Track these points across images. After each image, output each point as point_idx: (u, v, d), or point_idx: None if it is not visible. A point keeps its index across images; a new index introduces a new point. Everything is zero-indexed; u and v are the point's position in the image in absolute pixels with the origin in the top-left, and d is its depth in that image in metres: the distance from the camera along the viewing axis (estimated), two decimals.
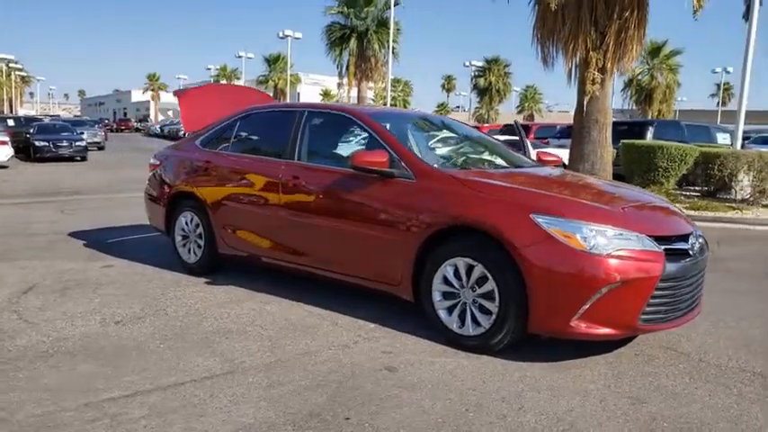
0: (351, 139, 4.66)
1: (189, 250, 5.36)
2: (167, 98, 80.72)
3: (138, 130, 61.40)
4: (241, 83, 56.29)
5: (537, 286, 3.22)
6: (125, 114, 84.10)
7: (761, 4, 12.04)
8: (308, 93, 60.69)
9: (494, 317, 3.41)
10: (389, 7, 25.93)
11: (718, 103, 59.45)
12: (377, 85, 28.11)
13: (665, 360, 3.49)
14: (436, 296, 3.68)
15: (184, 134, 6.39)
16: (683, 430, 2.65)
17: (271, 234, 4.64)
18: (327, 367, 3.30)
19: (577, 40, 9.80)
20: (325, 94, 65.05)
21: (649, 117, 33.60)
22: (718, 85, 59.56)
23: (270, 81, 47.38)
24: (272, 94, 49.95)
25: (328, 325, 4.02)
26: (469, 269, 3.51)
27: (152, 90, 77.56)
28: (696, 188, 11.93)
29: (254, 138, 5.21)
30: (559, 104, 77.21)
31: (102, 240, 6.90)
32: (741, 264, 6.42)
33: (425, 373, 3.23)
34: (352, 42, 27.14)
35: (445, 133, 4.90)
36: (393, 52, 25.79)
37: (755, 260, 6.71)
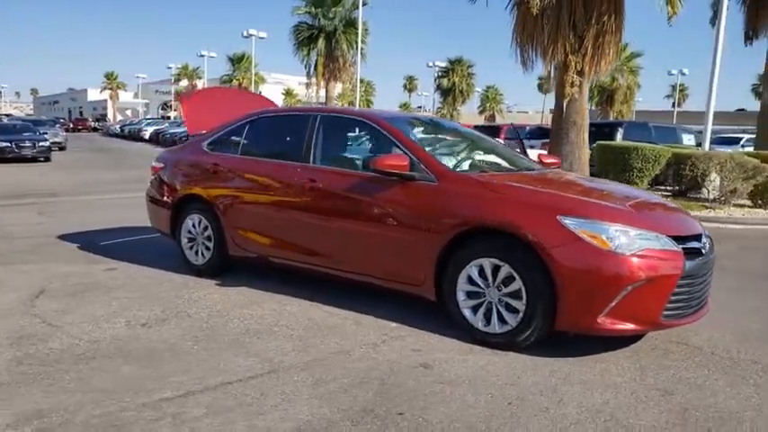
0: (366, 143, 4.77)
1: (196, 252, 5.38)
2: (126, 97, 78.98)
3: (95, 129, 59.83)
4: (203, 82, 55.49)
5: (566, 285, 3.40)
6: (81, 114, 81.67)
7: (728, 8, 12.62)
8: (270, 92, 60.12)
9: (521, 315, 3.58)
10: (357, 7, 26.02)
11: (674, 104, 61.51)
12: (344, 85, 28.13)
13: (680, 354, 3.72)
14: (460, 296, 3.83)
15: (187, 137, 6.37)
16: (714, 419, 2.87)
17: (286, 236, 4.71)
18: (365, 365, 3.42)
19: (557, 44, 10.12)
20: (288, 93, 64.68)
21: (611, 118, 34.62)
22: (673, 87, 61.63)
23: (234, 80, 46.84)
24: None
25: (351, 324, 4.13)
26: (495, 269, 3.67)
27: (110, 89, 75.62)
28: (667, 188, 12.43)
29: (265, 141, 5.27)
30: (518, 105, 78.63)
31: (93, 243, 6.83)
32: (726, 262, 6.77)
33: (460, 370, 3.38)
34: (321, 42, 27.14)
35: (453, 136, 5.06)
36: (361, 53, 25.89)
37: (738, 258, 7.08)
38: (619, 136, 14.91)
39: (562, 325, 3.51)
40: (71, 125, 59.85)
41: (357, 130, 4.85)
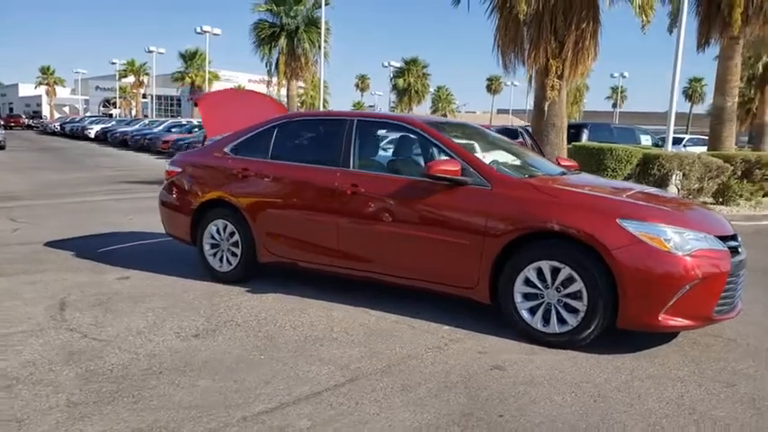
0: (409, 147, 4.80)
1: (221, 259, 5.27)
2: (62, 94, 75.53)
3: (29, 127, 56.92)
4: (152, 79, 53.79)
5: (628, 285, 3.55)
6: (11, 110, 77.56)
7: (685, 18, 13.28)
8: (216, 89, 58.87)
9: (581, 315, 3.71)
10: (319, 6, 25.89)
11: (614, 105, 64.05)
12: (306, 84, 27.91)
13: (721, 347, 3.95)
14: (518, 297, 3.93)
15: (203, 142, 6.20)
16: None
17: (326, 241, 4.68)
18: (440, 369, 3.46)
19: (539, 48, 10.41)
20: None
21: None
22: (613, 89, 64.18)
23: (186, 78, 45.62)
24: (188, 92, 48.13)
25: (405, 328, 4.16)
26: (555, 271, 3.79)
27: (46, 84, 72.13)
28: None
29: (296, 145, 5.22)
30: (467, 105, 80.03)
31: (90, 250, 6.57)
32: None
33: (532, 370, 3.47)
34: (283, 41, 26.81)
35: (482, 139, 5.14)
36: (324, 52, 25.78)
37: None
38: (584, 137, 15.44)
39: (623, 323, 3.66)
40: (2, 122, 56.74)
41: (398, 134, 4.87)
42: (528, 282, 3.89)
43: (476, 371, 3.44)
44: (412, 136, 4.73)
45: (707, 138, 25.41)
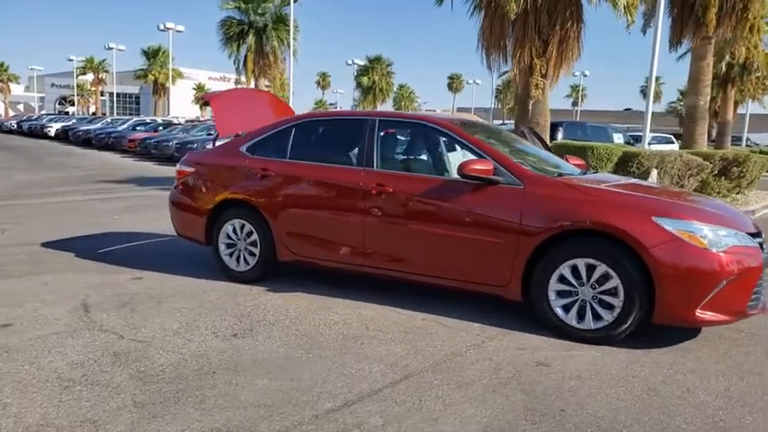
0: (434, 147, 4.85)
1: (238, 259, 5.24)
2: (17, 91, 72.83)
3: None
4: (113, 77, 52.39)
5: (666, 282, 3.69)
6: None
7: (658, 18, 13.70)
8: (183, 87, 57.80)
9: (617, 311, 3.83)
10: (287, 3, 25.66)
11: (573, 103, 65.46)
12: (275, 81, 27.62)
13: (746, 340, 4.13)
14: (552, 295, 4.03)
15: (214, 141, 6.12)
16: None
17: (349, 240, 4.70)
18: (488, 365, 3.54)
19: (524, 48, 10.61)
20: (199, 88, 62.44)
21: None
22: (572, 87, 65.62)
23: (149, 75, 44.54)
24: (151, 89, 47.04)
25: (438, 326, 4.21)
26: (590, 268, 3.90)
27: (0, 81, 69.43)
28: None
29: (316, 145, 5.21)
30: (427, 103, 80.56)
31: (91, 251, 6.44)
32: None
33: (576, 366, 3.57)
34: (251, 38, 26.46)
35: (500, 139, 5.22)
36: (292, 50, 25.55)
37: None
38: (560, 135, 15.75)
39: (660, 318, 3.80)
40: None
41: (421, 134, 4.92)
42: (562, 279, 3.99)
43: (522, 367, 3.53)
44: (438, 136, 4.79)
45: (670, 135, 26.36)
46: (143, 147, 22.67)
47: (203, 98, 6.20)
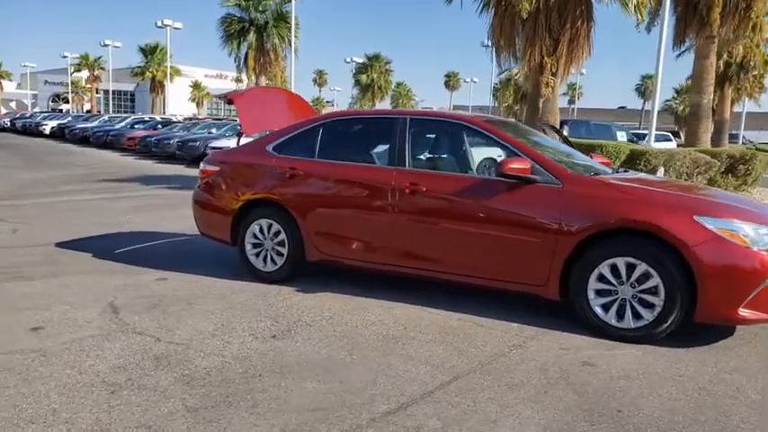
0: (466, 146, 4.82)
1: (265, 259, 5.19)
2: (9, 88, 72.29)
3: None
4: (108, 74, 52.08)
5: (709, 281, 3.67)
6: None
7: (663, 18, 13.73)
8: (181, 85, 57.52)
9: (658, 309, 3.82)
10: (289, 1, 25.58)
11: (571, 101, 65.56)
12: (275, 79, 27.53)
13: None
14: (591, 294, 4.01)
15: (237, 140, 6.07)
16: None
17: (382, 240, 4.67)
18: (533, 366, 3.51)
19: (534, 47, 10.60)
20: (195, 86, 62.21)
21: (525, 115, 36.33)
22: (569, 85, 65.74)
23: (147, 73, 44.28)
24: (149, 87, 46.80)
25: (474, 327, 4.18)
26: (630, 267, 3.88)
27: None
28: None
29: (345, 144, 5.17)
30: (424, 101, 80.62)
31: (108, 251, 6.37)
32: None
33: (621, 365, 3.55)
34: (252, 36, 26.34)
35: (529, 137, 5.19)
36: (293, 47, 25.48)
37: None
38: (565, 133, 15.78)
39: (702, 317, 3.78)
40: None
41: (453, 133, 4.88)
42: (601, 278, 3.97)
43: (568, 367, 3.50)
44: (472, 135, 4.76)
45: (668, 133, 26.44)
46: (143, 145, 22.52)
47: (226, 97, 6.14)
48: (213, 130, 21.69)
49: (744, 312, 3.70)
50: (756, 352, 3.86)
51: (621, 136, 17.72)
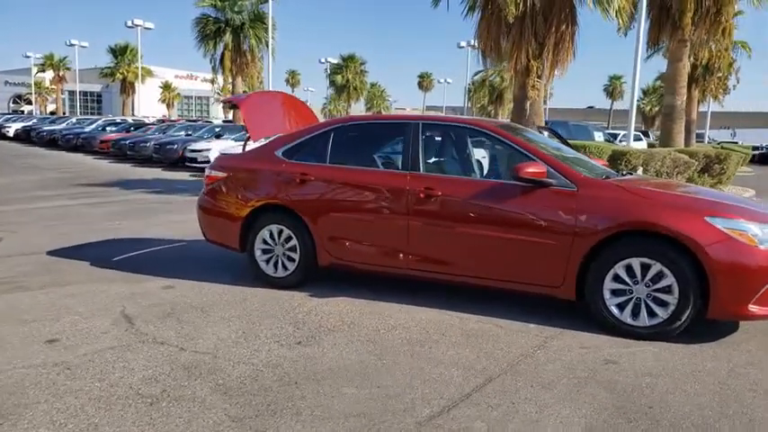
0: (479, 150, 4.89)
1: (275, 264, 5.18)
2: None
3: None
4: (75, 74, 50.91)
5: (720, 279, 3.81)
6: None
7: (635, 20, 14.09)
8: (152, 86, 56.52)
9: (672, 308, 3.95)
10: (265, 1, 25.39)
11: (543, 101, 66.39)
12: (252, 80, 27.31)
13: None
14: (606, 294, 4.12)
15: (244, 144, 6.03)
16: None
17: (399, 244, 4.71)
18: (560, 366, 3.60)
19: (520, 50, 10.76)
20: (166, 87, 61.25)
21: (500, 116, 36.81)
22: None
23: (117, 73, 43.38)
24: (119, 88, 45.87)
25: (494, 329, 4.25)
26: (644, 267, 4.00)
27: None
28: None
29: (357, 150, 5.19)
30: (397, 101, 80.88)
31: (103, 258, 6.28)
32: None
33: (643, 363, 3.67)
34: (228, 36, 26.09)
35: (542, 143, 5.26)
36: (270, 49, 25.30)
37: None
38: (545, 134, 16.04)
39: (714, 314, 3.93)
40: None
41: (465, 137, 4.95)
42: (617, 278, 4.09)
43: (593, 366, 3.60)
44: (485, 139, 4.83)
45: (639, 133, 27.07)
46: (117, 148, 22.10)
47: (229, 101, 6.09)
48: (191, 132, 21.42)
49: (753, 308, 3.85)
50: (764, 347, 4.01)
51: (599, 136, 18.09)
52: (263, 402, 3.04)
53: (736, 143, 40.27)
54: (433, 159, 4.85)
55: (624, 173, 5.35)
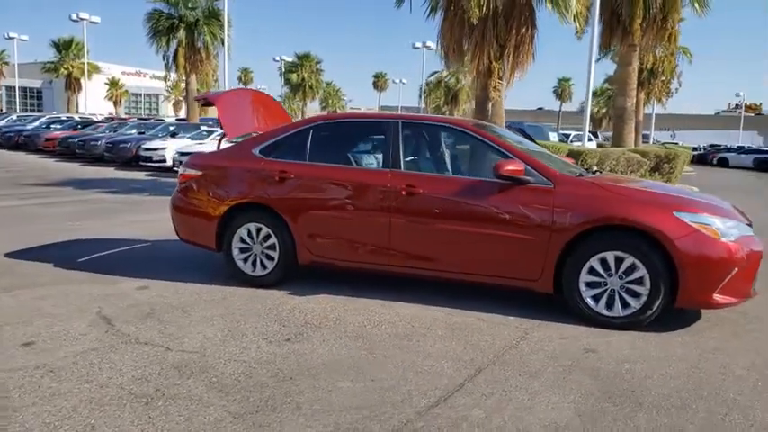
0: (458, 149, 5.00)
1: (254, 263, 5.16)
2: None
3: None
4: (14, 69, 48.76)
5: (688, 270, 4.04)
6: None
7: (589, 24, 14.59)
8: (98, 83, 54.62)
9: (644, 298, 4.16)
10: None
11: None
12: (207, 78, 26.83)
13: (746, 321, 4.55)
14: (582, 286, 4.30)
15: (219, 143, 5.95)
16: None
17: (378, 241, 4.77)
18: (543, 356, 3.74)
19: (482, 52, 10.98)
20: (113, 83, 59.38)
21: (456, 115, 37.31)
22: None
23: (62, 69, 41.72)
24: (63, 84, 44.15)
25: (476, 322, 4.36)
26: (618, 260, 4.20)
27: None
28: None
29: (336, 148, 5.21)
30: (352, 101, 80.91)
31: (67, 260, 6.06)
32: None
33: (620, 351, 3.85)
34: (182, 33, 25.50)
35: (514, 141, 5.42)
36: (226, 46, 24.91)
37: None
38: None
39: (682, 303, 4.16)
40: None
41: (447, 137, 5.06)
42: (592, 271, 4.27)
43: (575, 355, 3.76)
44: (463, 138, 4.95)
45: (590, 134, 27.96)
46: (65, 146, 21.31)
47: (204, 98, 5.99)
48: (144, 131, 20.87)
49: (717, 297, 4.10)
50: (729, 334, 4.27)
51: (554, 136, 18.63)
52: (261, 398, 3.06)
53: (677, 144, 42.06)
54: (413, 157, 4.93)
55: (594, 171, 5.57)
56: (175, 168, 16.49)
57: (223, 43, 24.50)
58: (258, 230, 5.11)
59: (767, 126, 63.06)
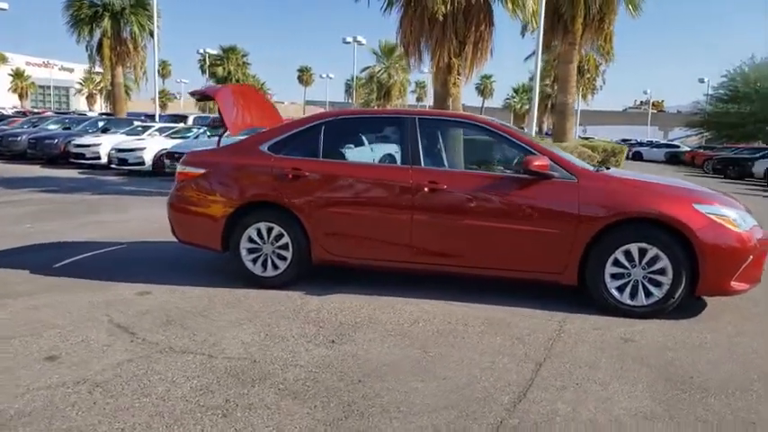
0: (477, 145, 5.01)
1: (264, 263, 4.97)
2: None
3: None
4: None
5: (710, 260, 4.26)
6: None
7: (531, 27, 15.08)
8: (2, 74, 50.72)
9: (666, 287, 4.35)
10: None
11: (418, 99, 68.73)
12: (135, 70, 25.48)
13: (749, 307, 4.84)
14: (607, 278, 4.44)
15: (219, 139, 5.65)
16: None
17: (402, 238, 4.70)
18: (589, 348, 3.82)
19: (443, 48, 11.06)
20: (17, 75, 55.34)
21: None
22: (417, 83, 68.87)
23: None
24: None
25: (509, 316, 4.37)
26: (641, 252, 4.37)
27: None
28: None
29: (351, 144, 5.10)
30: (275, 95, 79.65)
31: (43, 266, 5.60)
32: None
33: (655, 339, 4.00)
34: (106, 22, 24.04)
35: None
36: (156, 37, 23.73)
37: None
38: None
39: (702, 291, 4.38)
40: None
41: (466, 133, 5.05)
42: (616, 263, 4.41)
43: (616, 345, 3.87)
44: (483, 134, 4.96)
45: (522, 128, 28.94)
46: (4, 145, 19.60)
47: (201, 93, 5.64)
48: (70, 126, 19.57)
49: (734, 284, 4.35)
50: (739, 318, 4.54)
51: None
52: (342, 403, 2.95)
53: (591, 138, 44.31)
54: (431, 153, 4.90)
55: (607, 167, 5.75)
56: (112, 165, 15.57)
57: (152, 34, 23.32)
58: (269, 230, 4.92)
59: (666, 122, 67.94)
